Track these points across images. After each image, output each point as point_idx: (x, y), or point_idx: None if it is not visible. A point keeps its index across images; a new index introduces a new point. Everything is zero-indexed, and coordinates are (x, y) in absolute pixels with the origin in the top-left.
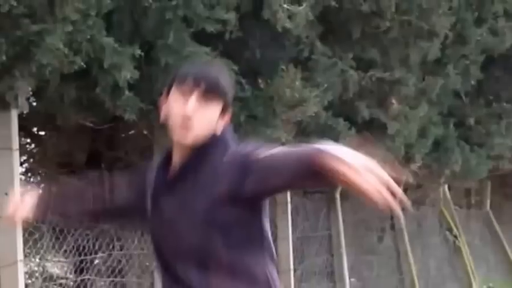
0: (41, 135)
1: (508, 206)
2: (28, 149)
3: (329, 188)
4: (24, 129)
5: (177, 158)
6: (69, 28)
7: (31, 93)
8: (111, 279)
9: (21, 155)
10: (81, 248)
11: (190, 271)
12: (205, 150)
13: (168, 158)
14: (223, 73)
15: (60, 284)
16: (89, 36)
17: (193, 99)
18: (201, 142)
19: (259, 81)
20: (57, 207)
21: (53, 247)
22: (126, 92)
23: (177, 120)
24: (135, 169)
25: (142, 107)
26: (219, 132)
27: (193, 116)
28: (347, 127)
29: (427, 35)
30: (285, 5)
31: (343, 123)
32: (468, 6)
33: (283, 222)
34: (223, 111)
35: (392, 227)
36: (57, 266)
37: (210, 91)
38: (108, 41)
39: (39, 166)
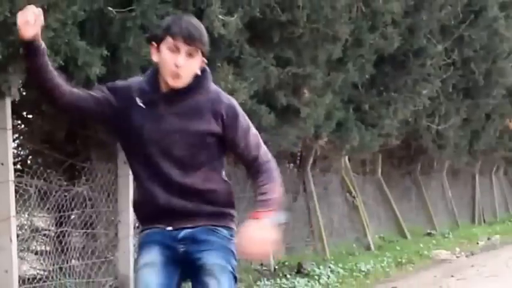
0: (29, 118)
1: (394, 173)
2: (19, 129)
3: None
4: (16, 113)
5: (168, 85)
6: (51, 34)
7: (21, 85)
8: (84, 230)
9: (13, 133)
10: (60, 206)
11: (173, 170)
12: (200, 82)
13: (155, 81)
14: (202, 29)
15: (44, 235)
16: (66, 40)
17: (183, 54)
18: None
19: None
20: (46, 65)
21: (39, 205)
22: (96, 84)
23: (169, 69)
24: (110, 86)
25: None
26: (198, 71)
27: (182, 67)
28: (268, 112)
29: (331, 39)
30: (220, 16)
31: (265, 108)
32: (364, 16)
33: None
34: (202, 56)
35: (305, 190)
36: (42, 220)
37: (197, 47)
38: (82, 44)
39: (28, 142)
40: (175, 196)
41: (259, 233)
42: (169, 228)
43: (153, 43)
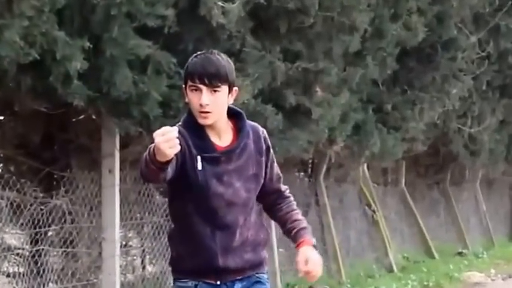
0: (0, 120)
1: (420, 184)
2: None
3: None
4: None
5: (212, 133)
6: (26, 23)
7: None
8: (63, 249)
9: None
10: (36, 221)
11: (238, 216)
12: (243, 130)
13: (197, 129)
14: (221, 62)
15: (18, 254)
16: (43, 30)
17: (205, 93)
18: (223, 119)
19: None
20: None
21: (11, 220)
22: (75, 81)
23: (196, 109)
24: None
25: (90, 94)
26: (230, 102)
27: (208, 105)
28: (274, 112)
29: (348, 30)
30: (219, 3)
31: (271, 109)
32: (385, 3)
33: None
34: (230, 89)
35: (317, 202)
36: (14, 238)
37: (214, 83)
38: (60, 34)
39: None
40: (234, 254)
41: (317, 256)
42: (218, 282)
43: (183, 86)
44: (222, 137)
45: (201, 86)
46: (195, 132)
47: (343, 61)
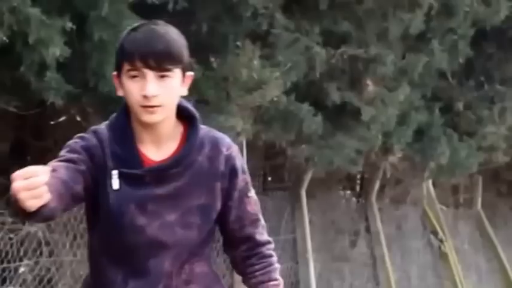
0: None
1: (502, 205)
2: None
3: (293, 184)
4: None
5: (148, 139)
6: None
7: None
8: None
9: None
10: (3, 255)
11: (166, 262)
12: (190, 139)
13: (124, 133)
14: (171, 36)
15: None
16: (14, 5)
17: (151, 80)
18: (171, 119)
19: (211, 59)
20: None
21: None
22: (48, 73)
23: (139, 102)
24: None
25: (72, 89)
26: (184, 93)
27: (156, 97)
28: (312, 113)
29: (408, 6)
30: None
31: (308, 108)
32: None
33: None
34: (183, 73)
35: (368, 229)
36: None
37: (164, 65)
38: (34, 12)
39: None
40: None
41: None
42: None
43: (115, 73)
44: (163, 145)
45: (145, 70)
46: (120, 136)
47: (401, 46)
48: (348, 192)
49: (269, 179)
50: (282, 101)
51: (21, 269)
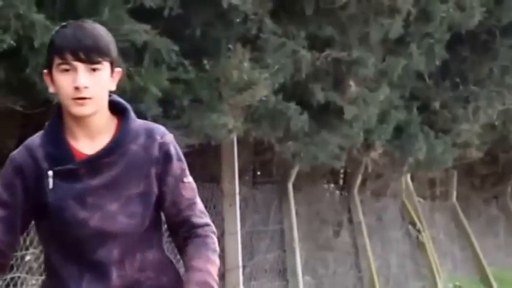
0: None
1: (475, 198)
2: None
3: (281, 178)
4: None
5: (82, 134)
6: None
7: None
8: (43, 277)
9: None
10: None
11: (114, 250)
12: (122, 130)
13: (56, 132)
14: (99, 31)
15: None
16: (20, 12)
17: (81, 72)
18: (103, 111)
19: (204, 62)
20: None
21: None
22: None
23: (70, 95)
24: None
25: None
26: (113, 87)
27: (87, 89)
28: (298, 112)
29: (388, 11)
30: None
31: (295, 107)
32: None
33: (231, 215)
34: (112, 67)
35: (350, 220)
36: None
37: (94, 58)
38: (39, 18)
39: None
40: None
41: None
42: None
43: (45, 71)
44: (97, 139)
45: (75, 63)
46: (52, 136)
47: (382, 49)
48: (332, 185)
49: (258, 173)
50: (271, 100)
51: (27, 257)
